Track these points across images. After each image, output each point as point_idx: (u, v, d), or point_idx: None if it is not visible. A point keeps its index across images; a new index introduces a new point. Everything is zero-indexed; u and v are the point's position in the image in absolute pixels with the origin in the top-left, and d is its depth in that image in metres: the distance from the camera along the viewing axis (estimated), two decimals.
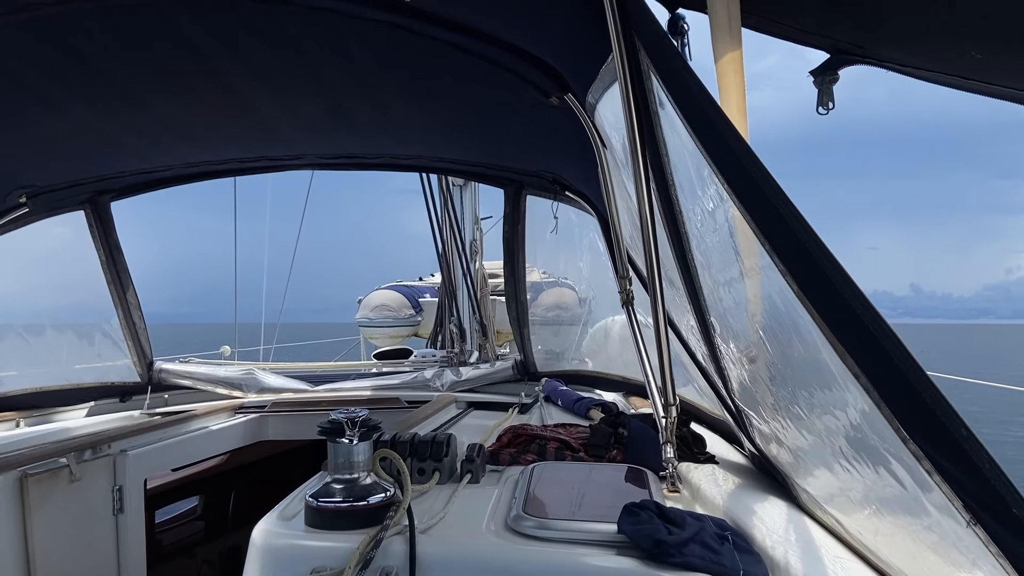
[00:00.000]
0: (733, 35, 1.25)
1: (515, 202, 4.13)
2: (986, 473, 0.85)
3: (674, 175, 1.56)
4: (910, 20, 1.13)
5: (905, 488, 1.04)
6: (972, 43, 1.07)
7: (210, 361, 4.62)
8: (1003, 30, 1.00)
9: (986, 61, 1.07)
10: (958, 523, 0.91)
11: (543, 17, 2.02)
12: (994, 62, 1.07)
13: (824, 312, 1.05)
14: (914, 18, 1.11)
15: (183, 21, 2.15)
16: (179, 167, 3.69)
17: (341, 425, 1.64)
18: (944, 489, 0.92)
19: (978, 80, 1.11)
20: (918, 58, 1.18)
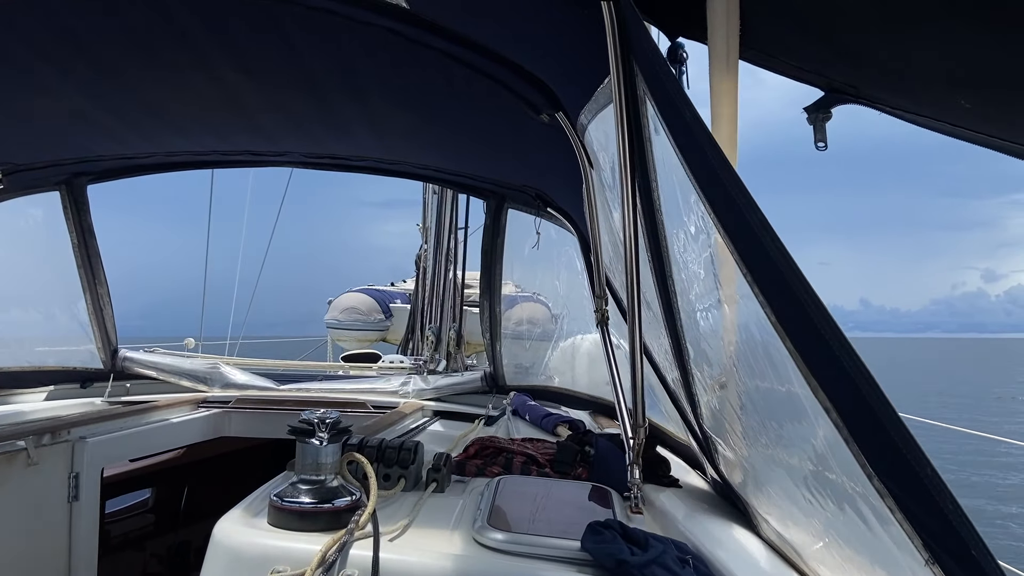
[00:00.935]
0: (731, 67, 1.27)
1: (496, 215, 4.14)
2: (948, 513, 0.87)
3: (661, 200, 1.58)
4: (903, 66, 1.16)
5: (866, 523, 1.06)
6: (961, 93, 1.11)
7: (175, 352, 4.55)
8: (991, 83, 1.04)
9: (973, 111, 1.11)
10: (916, 561, 0.93)
11: (541, 34, 2.04)
12: (981, 112, 1.11)
13: (800, 345, 1.06)
14: (907, 65, 1.15)
15: (179, 10, 2.13)
16: (161, 155, 3.65)
17: (312, 426, 1.64)
18: (905, 526, 0.94)
19: (965, 128, 1.14)
20: (908, 102, 1.22)
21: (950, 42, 1.03)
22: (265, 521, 1.61)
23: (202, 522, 1.58)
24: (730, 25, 1.22)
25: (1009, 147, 1.13)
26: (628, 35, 1.45)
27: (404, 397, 4.05)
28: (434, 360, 5.48)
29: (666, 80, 1.31)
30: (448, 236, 6.43)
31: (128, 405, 3.49)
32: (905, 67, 1.15)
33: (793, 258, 1.02)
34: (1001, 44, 0.98)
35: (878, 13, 1.05)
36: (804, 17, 1.22)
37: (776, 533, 1.54)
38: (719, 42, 1.24)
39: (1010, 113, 1.10)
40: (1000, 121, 1.13)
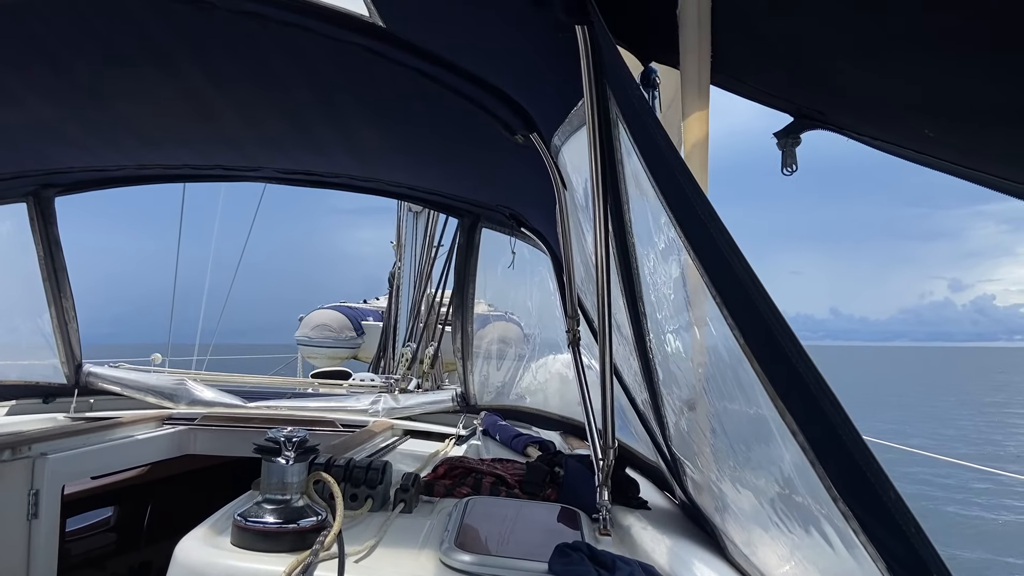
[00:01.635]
0: (702, 91, 1.29)
1: (470, 234, 4.14)
2: (911, 537, 0.88)
3: (632, 223, 1.60)
4: (869, 94, 1.19)
5: (832, 546, 1.06)
6: (926, 122, 1.14)
7: (141, 368, 4.48)
8: (953, 113, 1.07)
9: (937, 139, 1.14)
10: None
11: (517, 56, 2.05)
12: (945, 140, 1.14)
13: (768, 368, 1.07)
14: (873, 93, 1.17)
15: (152, 23, 2.12)
16: (132, 168, 3.60)
17: (278, 444, 1.61)
18: (869, 549, 0.94)
19: (929, 155, 1.17)
20: (875, 129, 1.24)
21: (915, 72, 1.06)
22: (228, 541, 1.58)
23: (165, 541, 1.55)
24: (702, 51, 1.24)
25: (970, 174, 1.15)
26: (602, 59, 1.46)
27: (374, 416, 4.01)
28: (406, 379, 5.44)
29: (638, 104, 1.32)
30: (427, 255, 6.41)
31: (91, 421, 3.43)
32: (871, 95, 1.17)
33: (761, 282, 1.03)
34: (963, 75, 1.01)
35: (845, 42, 1.07)
36: (774, 44, 1.25)
37: (743, 556, 1.54)
38: (691, 67, 1.26)
39: (971, 142, 1.13)
40: (961, 149, 1.16)
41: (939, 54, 0.98)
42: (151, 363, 5.90)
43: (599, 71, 1.49)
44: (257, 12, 2.02)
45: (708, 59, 1.24)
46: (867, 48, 1.05)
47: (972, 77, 0.98)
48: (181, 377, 4.38)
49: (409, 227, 8.30)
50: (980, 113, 1.04)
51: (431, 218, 6.47)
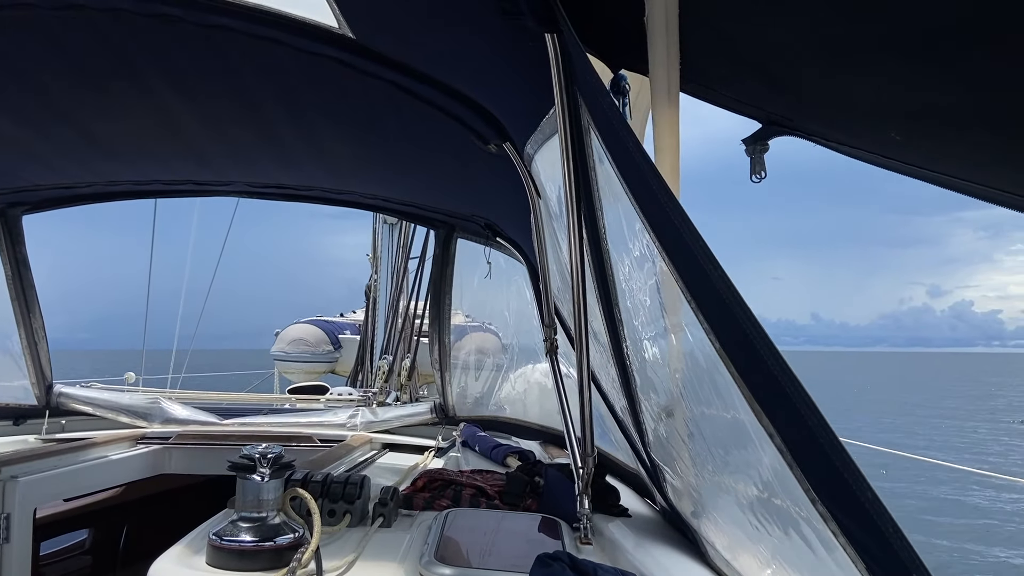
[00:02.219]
0: (672, 99, 1.30)
1: (445, 244, 4.13)
2: (889, 537, 0.88)
3: (606, 230, 1.60)
4: (836, 99, 1.20)
5: (811, 547, 1.07)
6: (893, 126, 1.15)
7: (113, 388, 4.40)
8: (919, 116, 1.08)
9: (904, 143, 1.15)
10: None
11: (488, 65, 2.05)
12: (912, 145, 1.15)
13: (744, 372, 1.07)
14: (840, 98, 1.19)
15: (118, 38, 2.09)
16: (101, 184, 3.56)
17: (253, 461, 1.59)
18: (848, 551, 0.94)
19: (897, 160, 1.18)
20: (842, 134, 1.25)
21: (881, 78, 1.07)
22: (203, 561, 1.56)
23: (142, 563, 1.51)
24: (670, 58, 1.25)
25: (937, 178, 1.17)
26: (572, 67, 1.47)
27: (352, 430, 3.98)
28: (384, 392, 5.40)
29: (609, 111, 1.33)
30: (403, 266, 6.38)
31: (63, 442, 3.36)
32: (838, 100, 1.19)
33: (735, 286, 1.03)
34: (928, 80, 1.02)
35: (813, 49, 1.09)
36: (741, 51, 1.26)
37: (724, 560, 1.54)
38: (660, 75, 1.27)
39: (937, 145, 1.15)
40: (928, 153, 1.17)
41: (905, 59, 1.00)
42: (124, 382, 5.81)
43: (569, 79, 1.49)
44: (226, 25, 2.00)
45: (677, 66, 1.25)
46: (834, 54, 1.06)
47: (937, 82, 0.99)
48: (155, 396, 4.32)
49: (385, 239, 8.28)
50: (945, 117, 1.05)
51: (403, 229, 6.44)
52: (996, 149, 1.08)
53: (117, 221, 65.17)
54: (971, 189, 1.14)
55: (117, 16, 1.99)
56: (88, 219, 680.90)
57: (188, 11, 1.96)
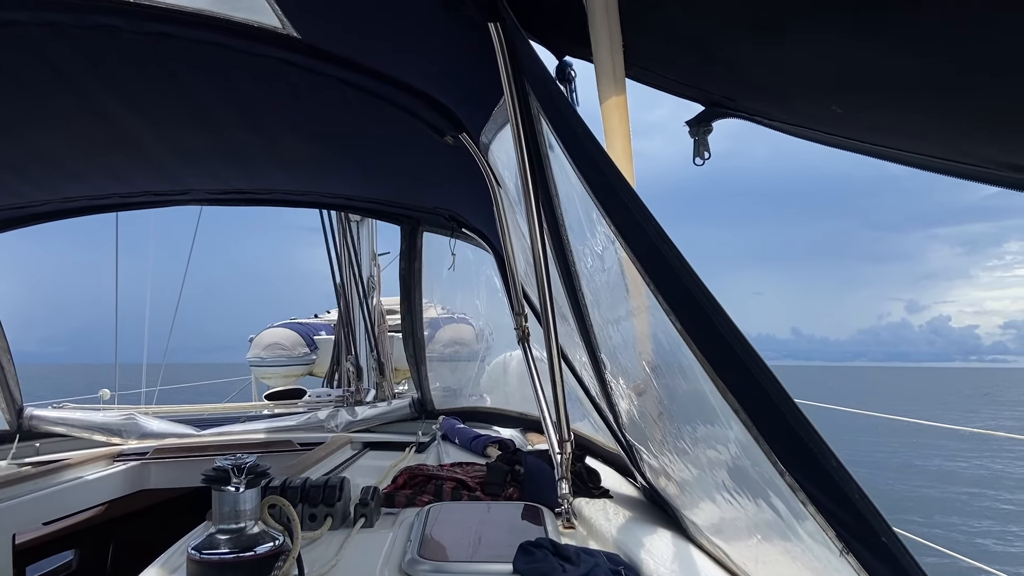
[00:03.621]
0: (618, 83, 1.30)
1: (411, 239, 4.12)
2: (856, 504, 0.90)
3: (564, 216, 1.60)
4: (774, 76, 1.21)
5: (782, 518, 1.08)
6: (832, 98, 1.16)
7: (86, 406, 4.34)
8: (858, 87, 1.09)
9: (846, 116, 1.16)
10: (831, 552, 0.95)
11: (437, 58, 2.04)
12: (854, 117, 1.16)
13: (706, 351, 1.08)
14: (778, 74, 1.19)
15: (57, 51, 2.05)
16: (57, 202, 3.49)
17: (226, 472, 1.57)
18: (818, 519, 0.96)
19: (840, 135, 1.19)
20: (783, 112, 1.26)
21: (817, 49, 1.08)
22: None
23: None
24: (613, 42, 1.25)
25: (880, 151, 1.18)
26: (517, 55, 1.46)
27: (331, 431, 3.96)
28: (362, 391, 5.38)
29: (556, 97, 1.33)
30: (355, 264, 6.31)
31: (38, 465, 3.31)
32: (776, 77, 1.19)
33: (690, 265, 1.04)
34: (866, 46, 1.03)
35: (746, 25, 1.09)
36: (680, 32, 1.26)
37: (704, 535, 1.56)
38: (604, 59, 1.27)
39: (877, 116, 1.16)
40: (869, 124, 1.18)
41: (835, 29, 1.00)
42: (99, 399, 5.73)
43: (516, 67, 1.49)
44: (167, 33, 1.97)
45: (620, 50, 1.25)
46: (766, 28, 1.07)
47: (869, 48, 1.00)
48: (130, 411, 4.26)
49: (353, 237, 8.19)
50: (887, 85, 1.06)
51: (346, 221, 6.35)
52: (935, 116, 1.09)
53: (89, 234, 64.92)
54: (914, 160, 1.15)
55: (54, 30, 1.95)
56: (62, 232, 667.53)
57: (127, 20, 1.92)
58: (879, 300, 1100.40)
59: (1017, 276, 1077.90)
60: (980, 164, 1.08)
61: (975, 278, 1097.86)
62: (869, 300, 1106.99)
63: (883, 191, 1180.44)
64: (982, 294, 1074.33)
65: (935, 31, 0.95)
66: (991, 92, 1.01)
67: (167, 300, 9.93)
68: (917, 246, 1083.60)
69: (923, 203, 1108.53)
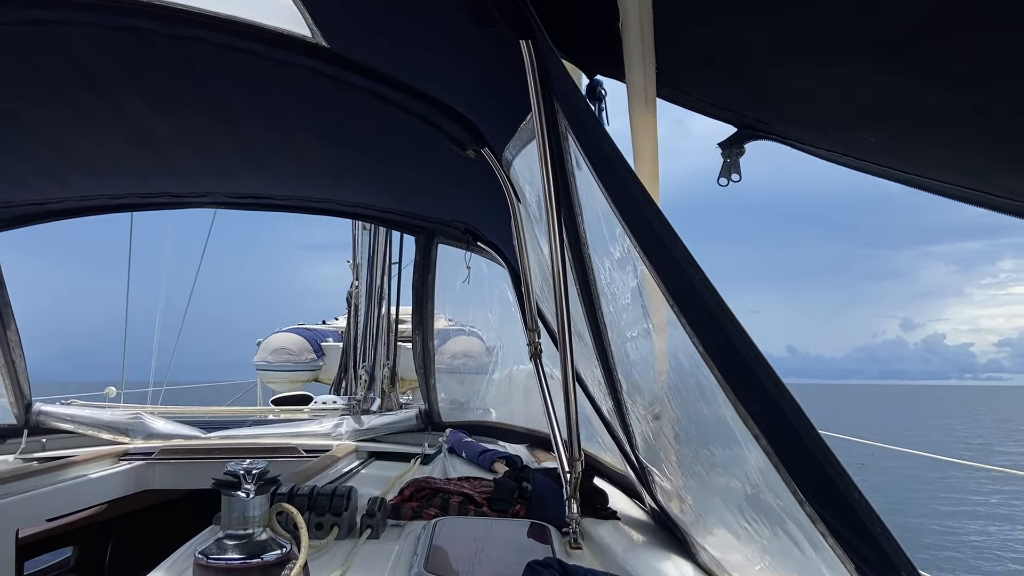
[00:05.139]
0: (649, 104, 1.30)
1: (426, 250, 4.12)
2: (877, 537, 0.89)
3: (587, 233, 1.60)
4: (809, 102, 1.21)
5: (800, 548, 1.07)
6: (867, 128, 1.16)
7: (94, 404, 4.35)
8: (893, 117, 1.09)
9: (878, 145, 1.16)
10: None
11: (464, 72, 2.04)
12: (888, 146, 1.16)
13: (727, 374, 1.07)
14: (813, 100, 1.19)
15: (87, 52, 2.06)
16: (74, 200, 3.51)
17: (237, 477, 1.57)
18: (837, 551, 0.95)
19: (870, 162, 1.19)
20: (816, 137, 1.26)
21: (853, 79, 1.08)
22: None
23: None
24: (646, 63, 1.25)
25: (910, 179, 1.18)
26: (547, 73, 1.46)
27: (337, 440, 3.95)
28: (368, 400, 5.37)
29: (585, 116, 1.33)
30: (380, 272, 6.36)
31: (44, 461, 3.32)
32: (811, 103, 1.19)
33: (715, 288, 1.03)
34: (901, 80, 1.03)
35: (784, 51, 1.09)
36: (715, 54, 1.26)
37: (714, 561, 1.54)
38: (636, 79, 1.27)
39: (910, 146, 1.16)
40: (901, 154, 1.18)
41: (876, 62, 1.00)
42: (105, 397, 5.74)
43: (546, 85, 1.49)
44: (196, 37, 1.98)
45: (653, 72, 1.25)
46: (806, 57, 1.07)
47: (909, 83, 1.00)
48: (136, 411, 4.27)
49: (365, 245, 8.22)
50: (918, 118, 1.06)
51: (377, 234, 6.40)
52: (969, 149, 1.09)
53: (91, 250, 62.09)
54: (946, 190, 1.15)
55: (82, 29, 1.96)
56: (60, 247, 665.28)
57: (158, 23, 1.94)
58: (874, 318, 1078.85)
59: (1011, 294, 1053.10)
60: (1013, 197, 1.08)
61: (970, 296, 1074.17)
62: (864, 318, 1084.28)
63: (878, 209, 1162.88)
64: (977, 312, 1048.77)
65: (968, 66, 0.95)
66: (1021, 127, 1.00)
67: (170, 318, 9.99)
68: (912, 264, 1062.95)
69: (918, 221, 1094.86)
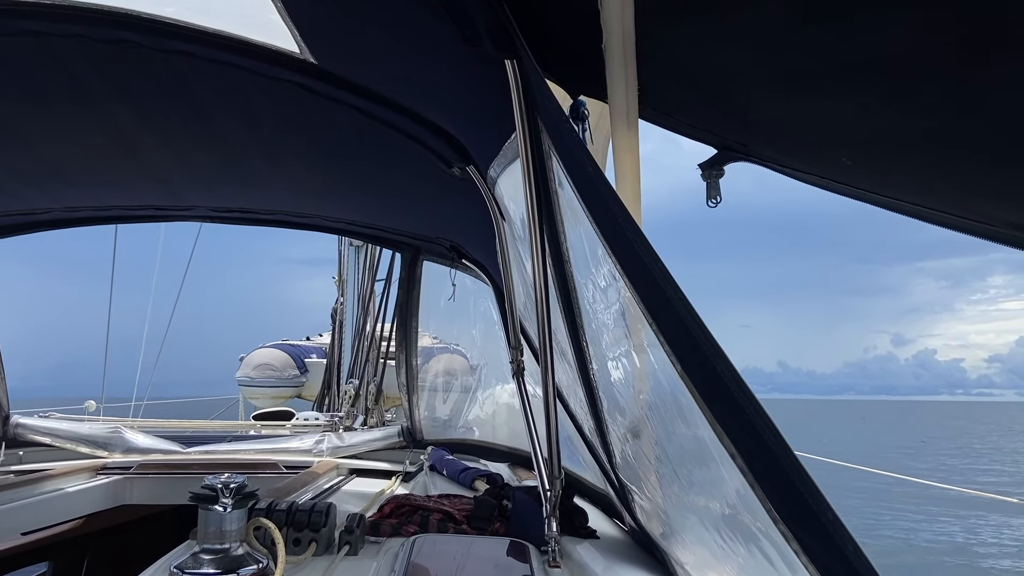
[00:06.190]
0: (631, 125, 1.32)
1: (411, 267, 4.13)
2: (849, 555, 0.89)
3: (570, 252, 1.61)
4: (788, 127, 1.23)
5: (775, 567, 1.07)
6: (843, 151, 1.18)
7: (72, 417, 4.30)
8: (870, 144, 1.11)
9: (854, 168, 1.19)
10: None
11: (450, 90, 2.06)
12: (861, 169, 1.19)
13: (705, 395, 1.08)
14: (792, 126, 1.22)
15: (75, 63, 2.07)
16: (59, 210, 3.50)
17: (215, 491, 1.56)
18: (811, 569, 0.95)
19: (847, 184, 1.22)
20: (793, 159, 1.29)
21: (830, 104, 1.10)
22: None
23: None
24: (628, 84, 1.27)
25: (886, 201, 1.20)
26: (532, 92, 1.48)
27: (318, 456, 3.93)
28: (351, 416, 5.35)
29: (569, 136, 1.34)
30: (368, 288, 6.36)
31: (21, 474, 3.28)
32: (789, 127, 1.22)
33: (693, 307, 1.05)
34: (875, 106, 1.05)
35: (763, 76, 1.11)
36: (696, 78, 1.28)
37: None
38: (619, 101, 1.29)
39: (885, 170, 1.18)
40: (874, 176, 1.21)
41: (852, 88, 1.03)
42: (85, 411, 5.67)
43: (530, 104, 1.51)
44: (186, 51, 1.99)
45: (635, 93, 1.27)
46: (785, 82, 1.09)
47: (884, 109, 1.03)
48: (116, 425, 4.23)
49: (351, 261, 8.22)
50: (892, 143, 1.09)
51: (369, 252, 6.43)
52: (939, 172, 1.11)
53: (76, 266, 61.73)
54: (915, 211, 1.17)
55: (73, 41, 1.97)
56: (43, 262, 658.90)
57: (147, 37, 1.95)
58: (865, 333, 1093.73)
59: (1001, 310, 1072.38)
60: (984, 221, 1.10)
61: (960, 312, 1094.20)
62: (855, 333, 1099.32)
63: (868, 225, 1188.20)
64: (967, 327, 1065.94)
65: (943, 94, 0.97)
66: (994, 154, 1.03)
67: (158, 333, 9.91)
68: (902, 279, 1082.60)
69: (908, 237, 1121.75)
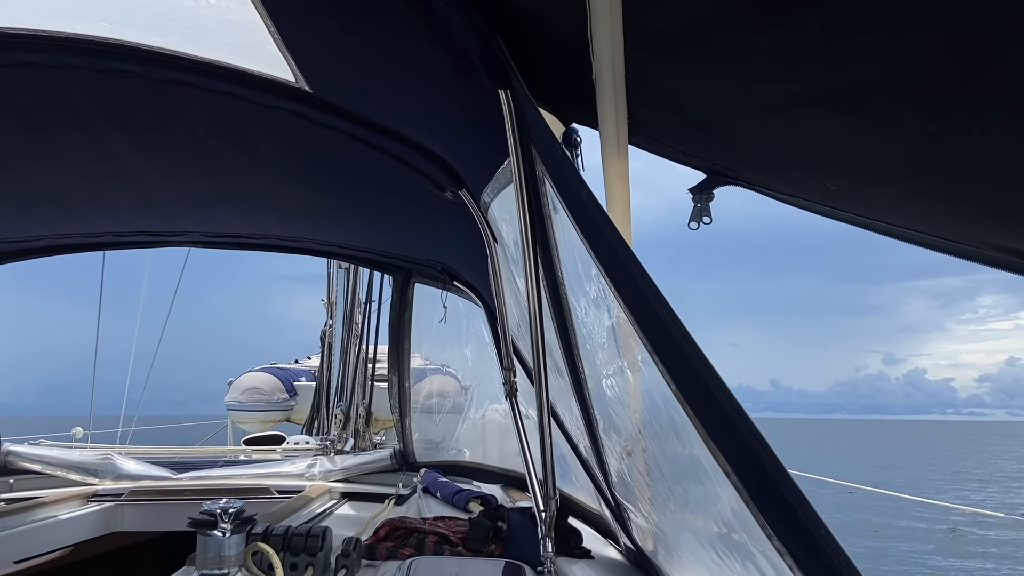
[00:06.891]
0: (621, 151, 1.36)
1: (403, 290, 4.14)
2: (842, 570, 0.92)
3: (564, 274, 1.64)
4: (775, 153, 1.27)
5: None
6: (828, 177, 1.23)
7: (63, 445, 4.27)
8: (854, 169, 1.15)
9: (839, 192, 1.22)
10: None
11: (443, 118, 2.10)
12: (846, 193, 1.23)
13: (698, 411, 1.11)
14: (778, 152, 1.26)
15: (70, 91, 2.09)
16: (52, 237, 3.50)
17: (214, 516, 1.57)
18: None
19: (834, 208, 1.26)
20: (781, 184, 1.33)
21: (814, 131, 1.14)
22: None
23: None
24: (618, 112, 1.31)
25: (871, 224, 1.24)
26: (525, 120, 1.52)
27: (311, 480, 3.92)
28: (341, 439, 5.33)
29: (562, 162, 1.38)
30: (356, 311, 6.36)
31: (11, 503, 3.25)
32: (776, 153, 1.26)
33: (686, 327, 1.07)
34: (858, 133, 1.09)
35: (750, 104, 1.15)
36: (684, 106, 1.32)
37: None
38: (609, 128, 1.33)
39: (869, 194, 1.22)
40: (861, 201, 1.25)
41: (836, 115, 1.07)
42: (72, 437, 5.64)
43: (523, 132, 1.54)
44: (182, 80, 2.02)
45: (625, 120, 1.31)
46: (770, 110, 1.13)
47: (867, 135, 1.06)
48: (106, 452, 4.20)
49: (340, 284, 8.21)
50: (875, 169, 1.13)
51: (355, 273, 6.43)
52: (924, 197, 1.15)
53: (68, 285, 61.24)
54: (902, 234, 1.21)
55: (69, 72, 1.99)
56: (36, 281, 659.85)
57: (142, 67, 1.97)
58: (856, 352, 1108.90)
59: (991, 329, 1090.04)
60: (969, 243, 1.14)
61: (950, 331, 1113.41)
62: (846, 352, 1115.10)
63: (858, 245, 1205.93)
64: (957, 347, 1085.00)
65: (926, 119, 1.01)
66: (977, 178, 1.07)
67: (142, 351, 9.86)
68: (892, 299, 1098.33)
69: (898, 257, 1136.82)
